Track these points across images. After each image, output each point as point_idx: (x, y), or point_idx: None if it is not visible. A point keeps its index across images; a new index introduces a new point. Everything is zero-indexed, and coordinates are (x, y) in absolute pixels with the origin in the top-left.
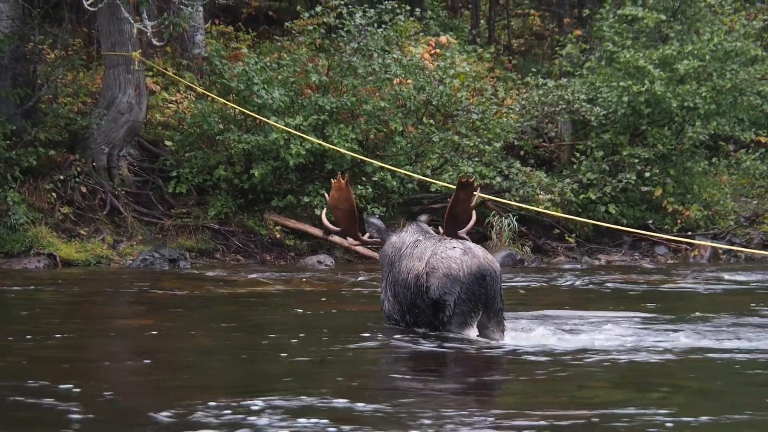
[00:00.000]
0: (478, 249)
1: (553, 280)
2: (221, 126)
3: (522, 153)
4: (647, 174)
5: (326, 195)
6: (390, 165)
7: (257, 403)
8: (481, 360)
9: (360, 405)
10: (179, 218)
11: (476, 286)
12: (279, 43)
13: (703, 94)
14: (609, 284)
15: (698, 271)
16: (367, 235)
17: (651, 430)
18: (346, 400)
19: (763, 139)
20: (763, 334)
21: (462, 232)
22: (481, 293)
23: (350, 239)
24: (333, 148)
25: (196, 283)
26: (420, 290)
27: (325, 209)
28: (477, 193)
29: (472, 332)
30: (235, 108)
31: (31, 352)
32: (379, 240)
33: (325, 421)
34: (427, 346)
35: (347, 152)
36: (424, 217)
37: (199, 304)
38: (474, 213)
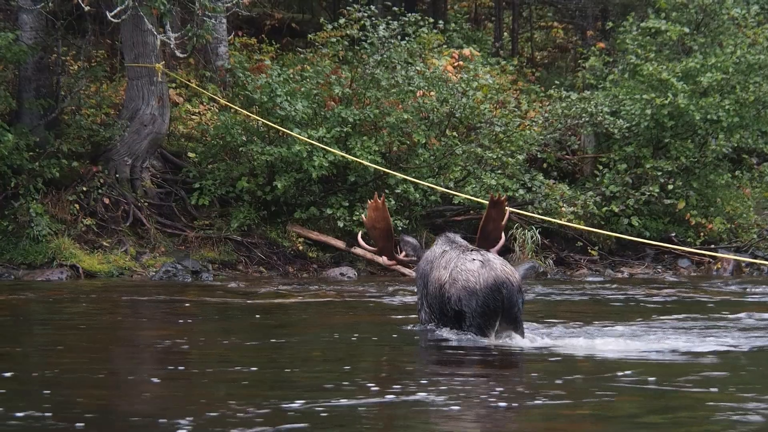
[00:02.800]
0: (497, 261)
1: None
2: (244, 138)
3: (545, 165)
4: (670, 187)
5: (363, 216)
6: (413, 177)
7: (281, 416)
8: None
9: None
10: (202, 230)
11: (492, 297)
12: (302, 55)
13: (726, 107)
14: None
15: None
16: (403, 253)
17: None
18: (375, 411)
19: None
20: None
21: (493, 251)
22: (497, 304)
23: (386, 258)
24: (356, 160)
25: (219, 295)
26: (444, 299)
27: (360, 231)
28: (508, 209)
29: (491, 339)
30: (258, 120)
31: (53, 363)
32: (414, 258)
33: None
34: (452, 354)
35: (370, 164)
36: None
37: (221, 316)
38: (502, 233)
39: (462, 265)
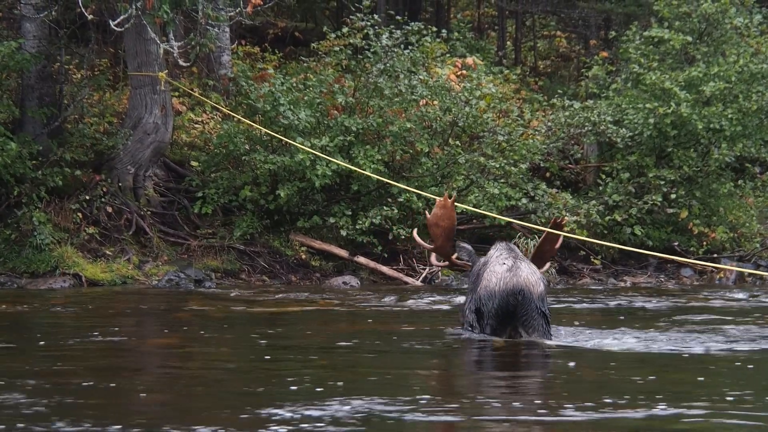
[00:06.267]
0: (524, 269)
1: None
2: (247, 146)
3: (548, 174)
4: (673, 196)
5: (427, 212)
6: (416, 186)
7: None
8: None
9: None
10: (205, 239)
11: (506, 302)
12: (305, 64)
13: (729, 116)
14: None
15: None
16: (455, 256)
17: None
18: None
19: None
20: None
21: (542, 270)
22: (511, 310)
23: (441, 257)
24: (358, 171)
25: (221, 304)
26: (477, 299)
27: (415, 229)
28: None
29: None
30: (261, 129)
31: (55, 372)
32: (468, 263)
33: None
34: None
35: (372, 174)
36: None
37: (224, 324)
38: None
39: (493, 267)
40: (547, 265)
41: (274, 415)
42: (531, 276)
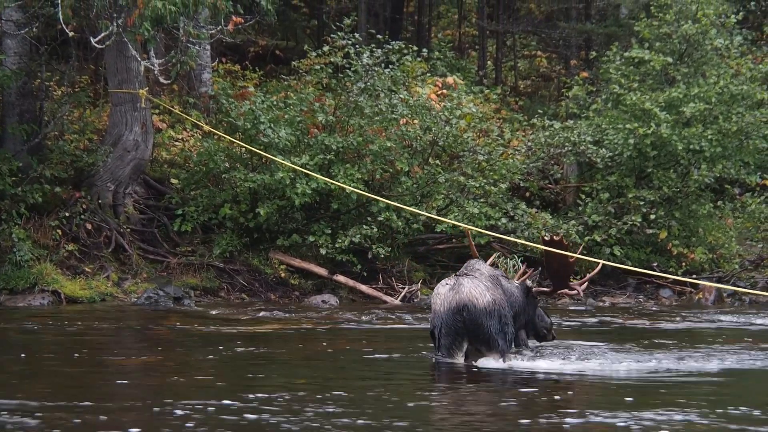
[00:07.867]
0: (467, 284)
1: None
2: (227, 164)
3: (527, 194)
4: (652, 216)
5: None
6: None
7: None
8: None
9: None
10: (184, 256)
11: (453, 320)
12: (286, 82)
13: (709, 137)
14: None
15: None
16: None
17: None
18: None
19: None
20: None
21: (576, 285)
22: (459, 327)
23: None
24: (340, 186)
25: (200, 322)
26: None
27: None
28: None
29: (458, 359)
30: (241, 146)
31: (33, 389)
32: None
33: None
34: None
35: (354, 190)
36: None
37: (202, 343)
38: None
39: (437, 289)
40: (588, 276)
41: None
42: (474, 290)
